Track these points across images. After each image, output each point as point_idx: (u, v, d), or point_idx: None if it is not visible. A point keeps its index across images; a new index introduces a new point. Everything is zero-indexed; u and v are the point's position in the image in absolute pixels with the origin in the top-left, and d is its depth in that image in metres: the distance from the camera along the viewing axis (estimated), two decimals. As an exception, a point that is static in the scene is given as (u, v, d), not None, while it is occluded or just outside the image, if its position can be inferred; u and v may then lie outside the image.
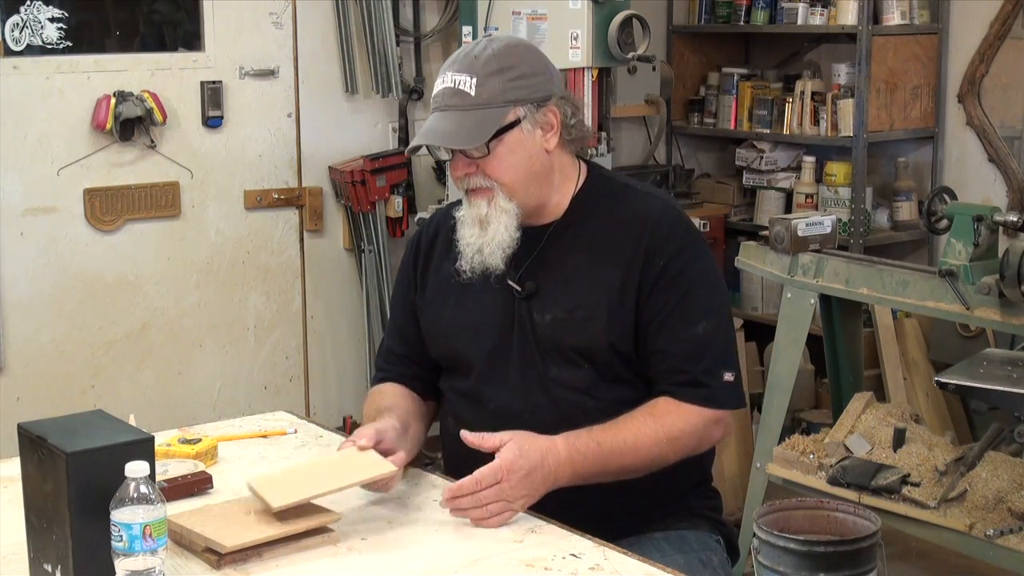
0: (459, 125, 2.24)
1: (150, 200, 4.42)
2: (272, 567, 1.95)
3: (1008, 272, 3.24)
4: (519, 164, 2.28)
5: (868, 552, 2.21)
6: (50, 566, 1.85)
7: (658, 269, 2.28)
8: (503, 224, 2.28)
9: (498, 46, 2.28)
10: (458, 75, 2.25)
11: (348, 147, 4.79)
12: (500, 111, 2.25)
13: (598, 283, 2.29)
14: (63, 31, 4.22)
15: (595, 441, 2.19)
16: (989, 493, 3.38)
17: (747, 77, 5.34)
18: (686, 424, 2.26)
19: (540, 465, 2.12)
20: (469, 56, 2.27)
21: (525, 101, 2.27)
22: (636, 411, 2.25)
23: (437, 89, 2.28)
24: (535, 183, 2.32)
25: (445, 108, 2.26)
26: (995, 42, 4.78)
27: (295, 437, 2.56)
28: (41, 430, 1.87)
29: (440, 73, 2.30)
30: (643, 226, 2.31)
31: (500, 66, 2.25)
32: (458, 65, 2.26)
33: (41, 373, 4.30)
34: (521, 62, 2.28)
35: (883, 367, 4.54)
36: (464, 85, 2.24)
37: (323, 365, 4.87)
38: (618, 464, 2.20)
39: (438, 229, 2.48)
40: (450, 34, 4.90)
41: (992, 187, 4.83)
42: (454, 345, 2.40)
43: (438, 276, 2.44)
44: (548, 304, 2.31)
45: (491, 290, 2.34)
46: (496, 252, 2.29)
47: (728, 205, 5.40)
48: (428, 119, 2.30)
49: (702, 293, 2.31)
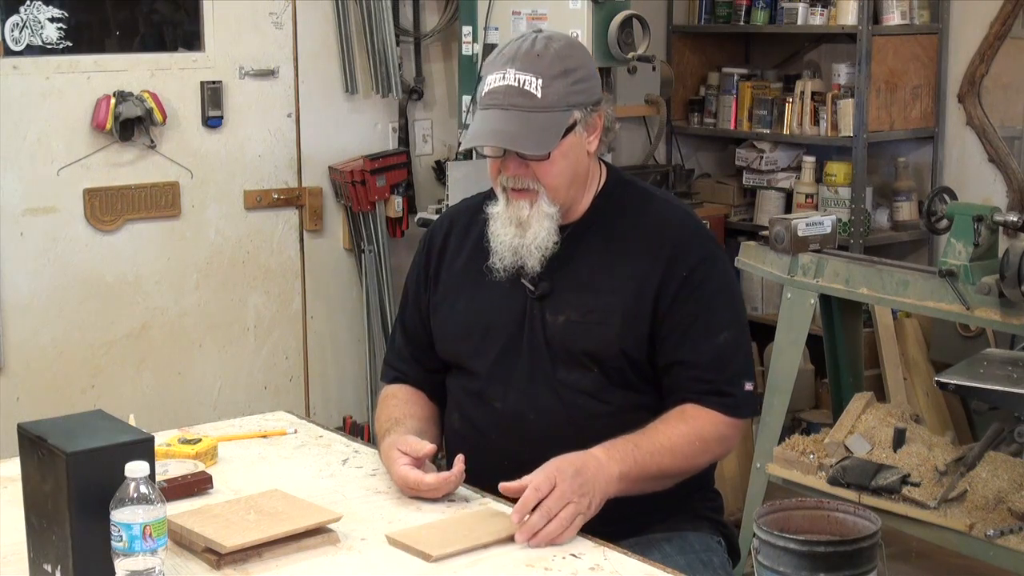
0: (526, 127, 2.20)
1: (150, 200, 4.42)
2: (272, 567, 1.95)
3: (1008, 272, 3.24)
4: (568, 168, 2.27)
5: (868, 552, 2.21)
6: (50, 566, 1.85)
7: (680, 279, 2.27)
8: (544, 227, 2.26)
9: (559, 46, 2.24)
10: (523, 74, 2.21)
11: (348, 147, 4.79)
12: (564, 115, 2.23)
13: (614, 288, 2.28)
14: (63, 31, 4.22)
15: (632, 443, 2.18)
16: (989, 493, 3.38)
17: (747, 77, 5.34)
18: (715, 429, 2.26)
19: (584, 466, 2.09)
20: (531, 54, 2.22)
21: (583, 105, 2.25)
22: (666, 416, 2.25)
23: (496, 84, 2.23)
24: (576, 186, 2.31)
25: (508, 107, 2.21)
26: (995, 42, 4.78)
27: (295, 437, 2.56)
28: (41, 430, 1.87)
29: (494, 67, 2.25)
30: (665, 234, 2.30)
31: (564, 68, 2.22)
32: (521, 63, 2.22)
33: (41, 373, 4.30)
34: (581, 64, 2.26)
35: (883, 367, 4.54)
36: (530, 85, 2.20)
37: (323, 365, 4.87)
38: (657, 467, 2.19)
39: (451, 226, 2.47)
40: (450, 34, 4.90)
41: (992, 187, 4.83)
42: (464, 344, 2.39)
43: (450, 273, 2.42)
44: (562, 306, 2.30)
45: (503, 289, 2.33)
46: (534, 254, 2.28)
47: (728, 205, 5.40)
48: (483, 115, 2.25)
49: (723, 303, 2.31)
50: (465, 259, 2.40)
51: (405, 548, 1.98)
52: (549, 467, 2.07)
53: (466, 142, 2.30)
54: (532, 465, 2.15)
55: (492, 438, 2.34)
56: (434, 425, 2.44)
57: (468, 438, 2.38)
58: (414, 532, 2.02)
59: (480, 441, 2.35)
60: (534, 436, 2.29)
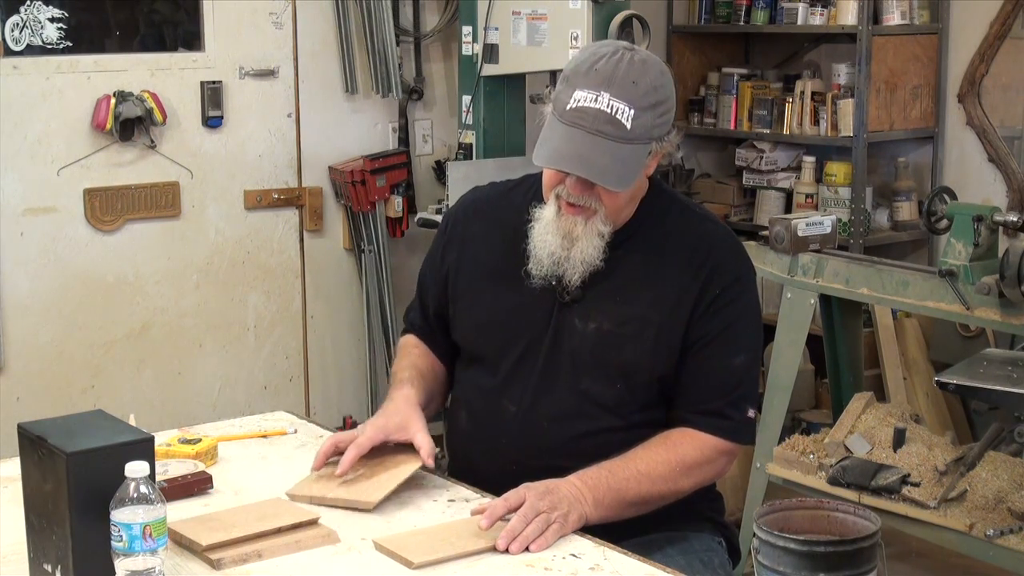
0: (610, 158, 2.14)
1: (150, 200, 4.42)
2: (272, 567, 1.95)
3: (1008, 272, 3.25)
4: (630, 193, 2.25)
5: (868, 552, 2.21)
6: (50, 566, 1.85)
7: (712, 296, 2.25)
8: (594, 245, 2.22)
9: (654, 75, 2.17)
10: (617, 101, 2.13)
11: (348, 147, 4.79)
12: (645, 148, 2.18)
13: (652, 301, 2.25)
14: (63, 31, 4.22)
15: (605, 471, 2.16)
16: (989, 493, 3.38)
17: (747, 77, 5.34)
18: (700, 455, 2.24)
19: (556, 488, 2.09)
20: (627, 80, 2.14)
21: (661, 137, 2.21)
22: (648, 443, 2.23)
23: (586, 104, 2.14)
24: (631, 205, 2.29)
25: (595, 132, 2.13)
26: (995, 42, 4.78)
27: (295, 437, 2.56)
28: (41, 430, 1.87)
29: (587, 84, 2.14)
30: (707, 252, 2.28)
31: (655, 100, 2.17)
32: (618, 89, 2.13)
33: (41, 373, 4.30)
34: (669, 96, 2.21)
35: (883, 367, 4.54)
36: (622, 115, 2.13)
37: (323, 365, 4.87)
38: (635, 493, 2.17)
39: (475, 214, 2.43)
40: (450, 34, 4.90)
41: (992, 187, 4.83)
42: (483, 340, 2.35)
43: (475, 264, 2.38)
44: (594, 313, 2.26)
45: (531, 289, 2.28)
46: (578, 268, 2.24)
47: (728, 205, 5.40)
48: (567, 133, 2.15)
49: (746, 326, 2.29)
50: (491, 251, 2.36)
51: (390, 554, 1.98)
52: (520, 487, 2.08)
53: (546, 160, 2.18)
54: (538, 473, 2.14)
55: (502, 442, 2.31)
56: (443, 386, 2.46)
57: (476, 440, 2.36)
58: (399, 538, 2.02)
59: (488, 444, 2.33)
60: (545, 444, 2.27)
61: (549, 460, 2.22)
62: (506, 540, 1.99)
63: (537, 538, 2.00)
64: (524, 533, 2.00)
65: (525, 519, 2.01)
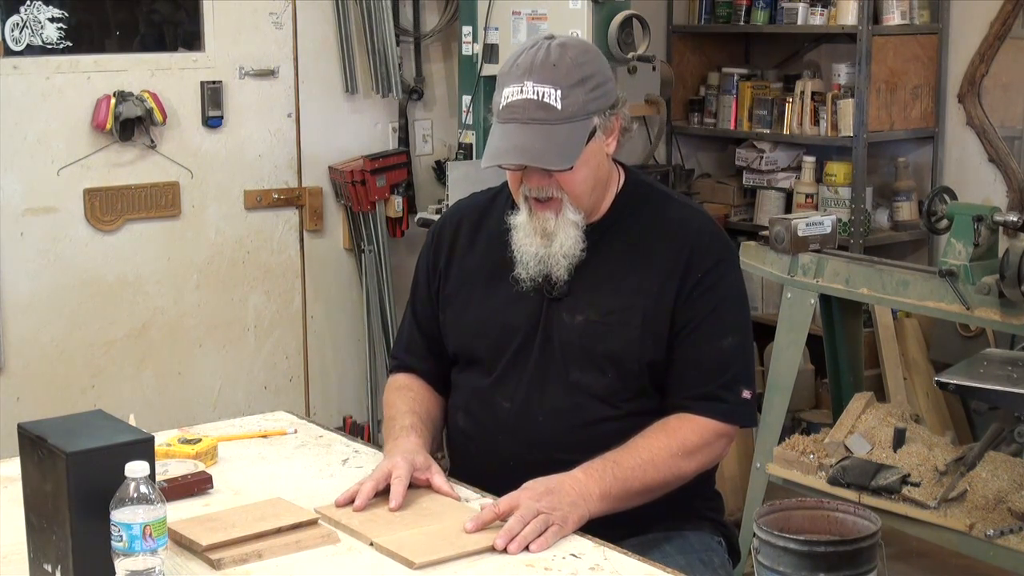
0: (548, 141, 2.18)
1: (150, 200, 4.42)
2: (272, 567, 1.95)
3: (1008, 272, 3.25)
4: (590, 175, 2.26)
5: (868, 552, 2.20)
6: (50, 566, 1.85)
7: (695, 280, 2.27)
8: (570, 236, 2.25)
9: (574, 52, 2.22)
10: (541, 86, 2.17)
11: (348, 147, 4.79)
12: (584, 124, 2.21)
13: (635, 289, 2.27)
14: (63, 31, 4.22)
15: (611, 462, 2.17)
16: (989, 493, 3.38)
17: (747, 77, 5.34)
18: (699, 438, 2.25)
19: (559, 486, 2.09)
20: (546, 64, 2.19)
21: (602, 110, 2.23)
22: (647, 430, 2.24)
23: (514, 98, 2.19)
24: (598, 189, 2.30)
25: (528, 121, 2.18)
26: (995, 42, 4.78)
27: (295, 437, 2.56)
28: (41, 430, 1.87)
29: (511, 79, 2.21)
30: (686, 237, 2.30)
31: (582, 76, 2.20)
32: (538, 75, 2.18)
33: (41, 373, 4.30)
34: (598, 69, 2.24)
35: (883, 367, 4.54)
36: (549, 98, 2.17)
37: (323, 365, 4.87)
38: (640, 482, 2.18)
39: (461, 222, 2.46)
40: (450, 34, 4.90)
41: (992, 187, 4.83)
42: (476, 342, 2.37)
43: (462, 269, 2.41)
44: (580, 306, 2.29)
45: (519, 290, 2.31)
46: (562, 262, 2.27)
47: (728, 205, 5.40)
48: (503, 130, 2.21)
49: (731, 308, 2.30)
50: (477, 256, 2.39)
51: (390, 554, 1.98)
52: (516, 491, 2.08)
53: (487, 160, 2.23)
54: (537, 468, 2.15)
55: (499, 439, 2.32)
56: (441, 418, 2.45)
57: (473, 438, 2.37)
58: (399, 538, 2.02)
59: (486, 442, 2.34)
60: (541, 438, 2.28)
61: (546, 454, 2.23)
62: (504, 540, 1.99)
63: (536, 538, 2.01)
64: (523, 533, 2.00)
65: (523, 519, 2.02)
